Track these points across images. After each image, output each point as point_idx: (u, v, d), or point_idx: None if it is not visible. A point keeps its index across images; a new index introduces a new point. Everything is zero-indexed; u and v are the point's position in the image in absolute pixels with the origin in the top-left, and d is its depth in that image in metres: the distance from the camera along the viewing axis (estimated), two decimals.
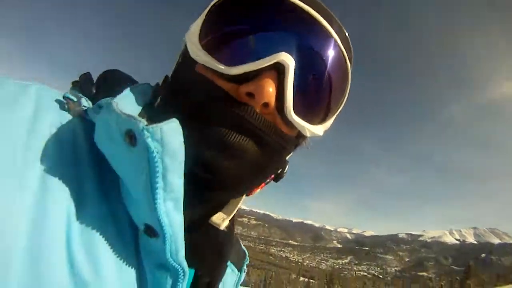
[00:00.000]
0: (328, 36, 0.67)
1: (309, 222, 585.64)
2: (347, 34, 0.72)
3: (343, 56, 0.70)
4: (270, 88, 0.59)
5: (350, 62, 0.74)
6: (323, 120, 0.72)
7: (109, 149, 0.56)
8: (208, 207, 0.70)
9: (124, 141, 0.50)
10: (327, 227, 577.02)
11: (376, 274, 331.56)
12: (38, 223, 0.46)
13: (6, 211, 0.44)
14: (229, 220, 0.75)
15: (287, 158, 0.77)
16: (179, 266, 0.56)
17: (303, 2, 0.64)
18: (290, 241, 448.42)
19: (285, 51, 0.60)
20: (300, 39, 0.64)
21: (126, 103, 0.61)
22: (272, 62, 0.59)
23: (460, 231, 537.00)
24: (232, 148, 0.59)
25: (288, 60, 0.59)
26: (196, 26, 0.68)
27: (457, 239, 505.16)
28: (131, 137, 0.49)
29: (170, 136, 0.49)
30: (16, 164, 0.47)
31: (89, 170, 0.57)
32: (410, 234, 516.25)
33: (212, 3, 0.68)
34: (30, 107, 0.54)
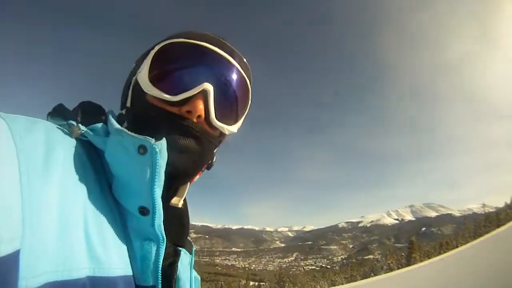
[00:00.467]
0: (233, 66, 1.02)
1: (248, 227, 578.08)
2: (246, 61, 1.09)
3: (244, 78, 1.06)
4: (200, 106, 0.92)
5: (250, 80, 1.09)
6: (235, 122, 1.08)
7: (121, 159, 0.83)
8: (171, 192, 1.00)
9: (137, 153, 0.80)
10: (267, 229, 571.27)
11: (323, 265, 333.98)
12: (63, 208, 0.66)
13: (38, 198, 0.61)
14: (182, 201, 1.08)
15: (214, 151, 1.11)
16: (160, 235, 0.84)
17: (216, 47, 0.99)
18: (233, 249, 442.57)
19: (207, 82, 0.93)
20: (215, 72, 0.99)
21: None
22: (199, 90, 0.92)
23: (397, 211, 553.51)
24: (184, 147, 0.91)
25: (209, 87, 0.93)
26: (144, 69, 0.96)
27: (395, 219, 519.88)
28: (143, 149, 0.79)
29: (163, 147, 0.81)
30: (39, 169, 0.65)
31: (93, 174, 0.82)
32: (350, 222, 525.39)
33: (154, 52, 0.99)
34: (42, 131, 0.74)
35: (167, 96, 0.92)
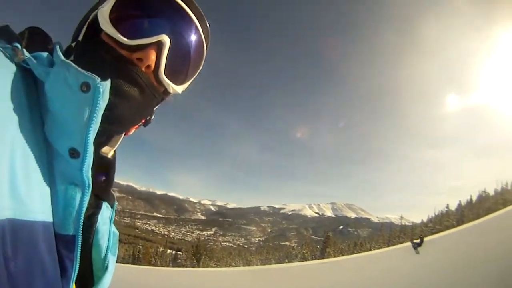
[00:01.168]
0: (194, 26, 1.00)
1: (173, 194, 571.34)
2: (208, 25, 1.06)
3: (202, 43, 1.04)
4: (152, 56, 0.88)
5: (207, 45, 1.08)
6: (182, 82, 1.05)
7: (61, 93, 0.77)
8: (103, 138, 0.93)
9: (79, 89, 0.74)
10: (191, 199, 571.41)
11: (241, 244, 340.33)
12: None
13: None
14: (113, 151, 1.05)
15: (155, 108, 1.06)
16: (87, 181, 0.78)
17: (185, 5, 0.97)
18: (155, 214, 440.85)
19: (165, 34, 0.90)
20: (177, 28, 0.96)
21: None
22: (156, 40, 0.88)
23: (319, 205, 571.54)
24: (126, 94, 0.85)
25: (166, 40, 0.89)
26: (107, 6, 0.90)
27: (316, 213, 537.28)
28: (86, 87, 0.74)
29: (107, 88, 0.76)
30: None
31: (27, 106, 0.75)
32: (272, 207, 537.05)
33: None
34: None
35: (122, 38, 0.87)
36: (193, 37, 1.01)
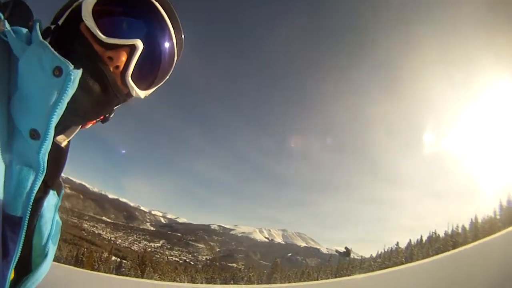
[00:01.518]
0: (170, 38, 1.05)
1: (124, 200, 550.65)
2: (183, 37, 1.12)
3: (174, 55, 1.10)
4: (123, 58, 0.92)
5: (178, 57, 1.14)
6: (146, 89, 1.10)
7: (33, 73, 0.80)
8: (60, 127, 0.90)
9: (51, 72, 0.78)
10: (142, 208, 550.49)
11: (187, 260, 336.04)
12: None
13: None
14: (67, 141, 1.05)
15: (115, 107, 1.10)
16: (42, 165, 0.82)
17: (166, 15, 1.02)
18: (104, 217, 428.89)
19: (140, 39, 0.94)
20: (152, 35, 1.00)
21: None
22: (129, 43, 0.93)
23: (270, 230, 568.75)
24: (89, 88, 0.88)
25: (139, 45, 0.94)
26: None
27: (266, 238, 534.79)
28: (59, 71, 0.78)
29: (78, 77, 0.80)
30: None
31: None
32: (223, 227, 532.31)
33: None
34: None
35: (99, 33, 0.91)
36: (166, 48, 1.06)
